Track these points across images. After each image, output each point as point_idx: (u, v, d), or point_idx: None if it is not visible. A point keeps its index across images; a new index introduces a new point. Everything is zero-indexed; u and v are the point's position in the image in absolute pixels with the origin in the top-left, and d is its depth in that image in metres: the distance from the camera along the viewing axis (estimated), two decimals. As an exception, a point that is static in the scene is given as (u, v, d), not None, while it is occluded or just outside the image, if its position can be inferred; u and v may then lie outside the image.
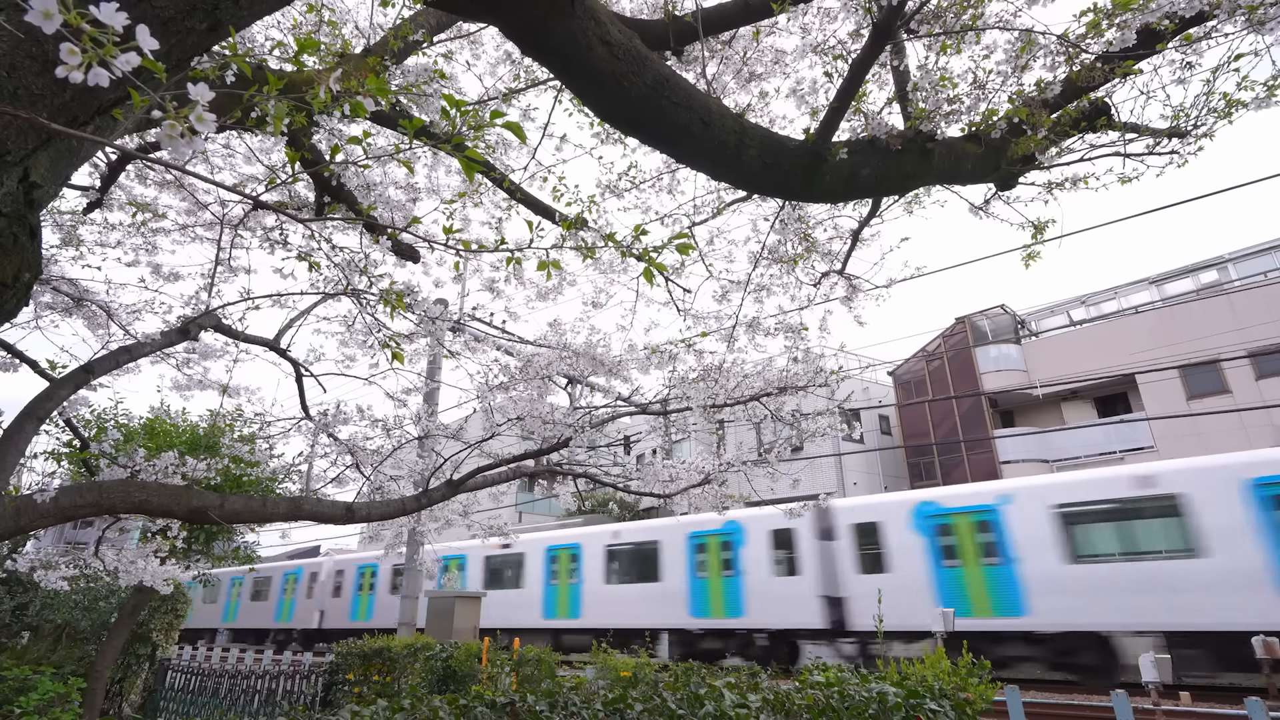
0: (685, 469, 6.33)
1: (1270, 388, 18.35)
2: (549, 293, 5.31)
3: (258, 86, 1.59)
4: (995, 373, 23.58)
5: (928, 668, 4.04)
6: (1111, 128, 3.52)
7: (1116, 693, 6.08)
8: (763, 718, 2.98)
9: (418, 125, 1.76)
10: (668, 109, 2.63)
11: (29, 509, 2.84)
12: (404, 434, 5.51)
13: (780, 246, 5.10)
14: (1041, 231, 4.20)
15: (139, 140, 3.70)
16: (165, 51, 1.50)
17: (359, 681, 8.05)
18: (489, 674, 7.45)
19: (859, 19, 4.07)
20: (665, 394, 5.62)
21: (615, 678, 6.15)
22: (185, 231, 4.99)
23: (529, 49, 2.62)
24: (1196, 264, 24.28)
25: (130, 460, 4.35)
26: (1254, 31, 2.94)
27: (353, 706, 3.14)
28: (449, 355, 5.08)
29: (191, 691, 9.74)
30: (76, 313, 4.72)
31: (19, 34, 1.36)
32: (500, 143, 4.65)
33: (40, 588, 9.52)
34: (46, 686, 7.40)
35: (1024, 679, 11.97)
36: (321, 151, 3.82)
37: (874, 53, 2.83)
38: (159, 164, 3.62)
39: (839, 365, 5.53)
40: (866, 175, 3.17)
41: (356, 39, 4.32)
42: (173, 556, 5.90)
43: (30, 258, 1.77)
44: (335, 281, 4.36)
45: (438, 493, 4.81)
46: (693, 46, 3.60)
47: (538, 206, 4.38)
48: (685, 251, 2.53)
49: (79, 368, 3.57)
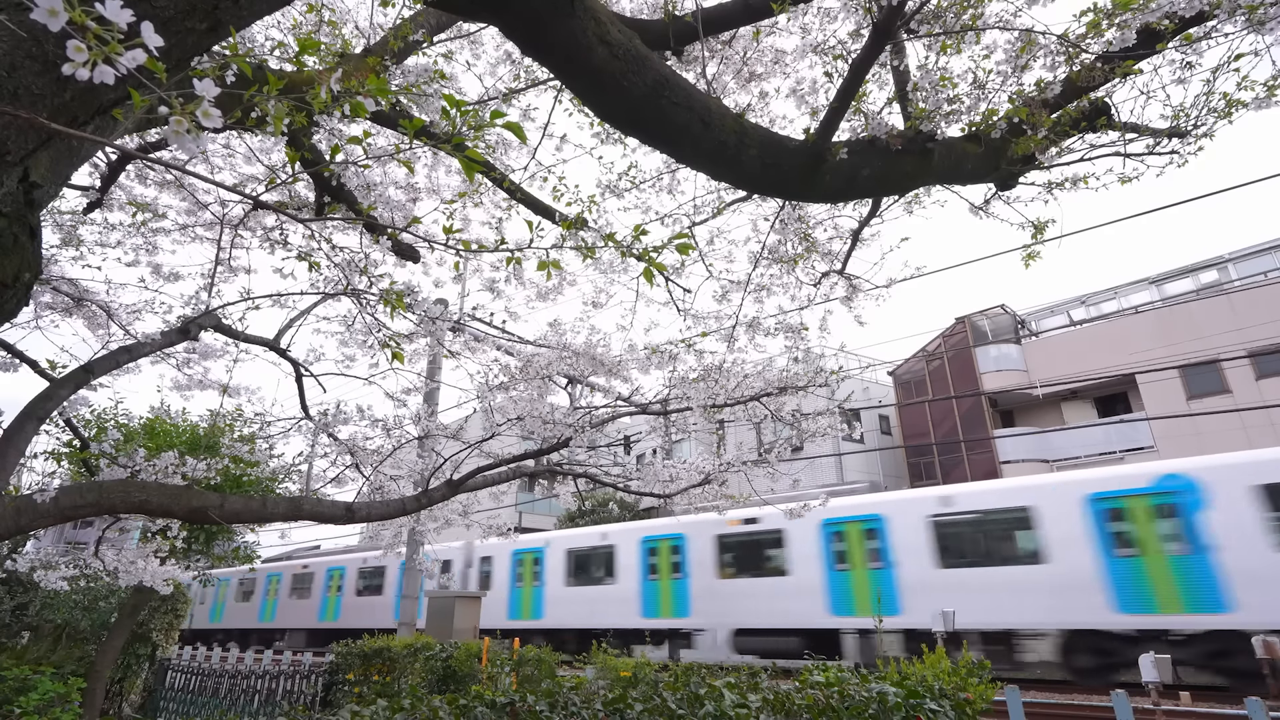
0: (685, 469, 6.34)
1: (1270, 388, 18.36)
2: (549, 293, 5.31)
3: (258, 86, 1.59)
4: (995, 373, 23.58)
5: (928, 668, 4.04)
6: (1111, 128, 3.52)
7: (1116, 693, 6.08)
8: (763, 718, 2.97)
9: (418, 125, 1.76)
10: (668, 109, 2.63)
11: (29, 509, 2.84)
12: (404, 434, 5.51)
13: (780, 246, 5.10)
14: (1041, 231, 4.20)
15: (139, 140, 3.70)
16: (165, 51, 1.50)
17: (359, 681, 8.06)
18: (489, 674, 7.46)
19: (859, 19, 4.07)
20: (665, 394, 5.62)
21: (615, 678, 6.15)
22: (185, 231, 4.99)
23: (529, 49, 2.62)
24: (1196, 264, 24.30)
25: (130, 460, 4.35)
26: (1254, 31, 2.94)
27: (353, 706, 3.14)
28: (449, 355, 5.08)
29: (191, 691, 9.75)
30: (76, 313, 4.72)
31: (20, 34, 1.36)
32: (500, 143, 4.65)
33: (40, 588, 9.54)
34: (46, 686, 7.40)
35: (1024, 679, 11.96)
36: (321, 151, 3.82)
37: (874, 53, 2.83)
38: (159, 164, 3.62)
39: (839, 365, 5.53)
40: (866, 175, 3.17)
41: (356, 39, 4.32)
42: (173, 556, 5.90)
43: (30, 258, 1.77)
44: (335, 281, 4.36)
45: (438, 493, 4.82)
46: (693, 46, 3.60)
47: (538, 206, 4.38)
48: (685, 251, 2.53)
49: (79, 368, 3.57)
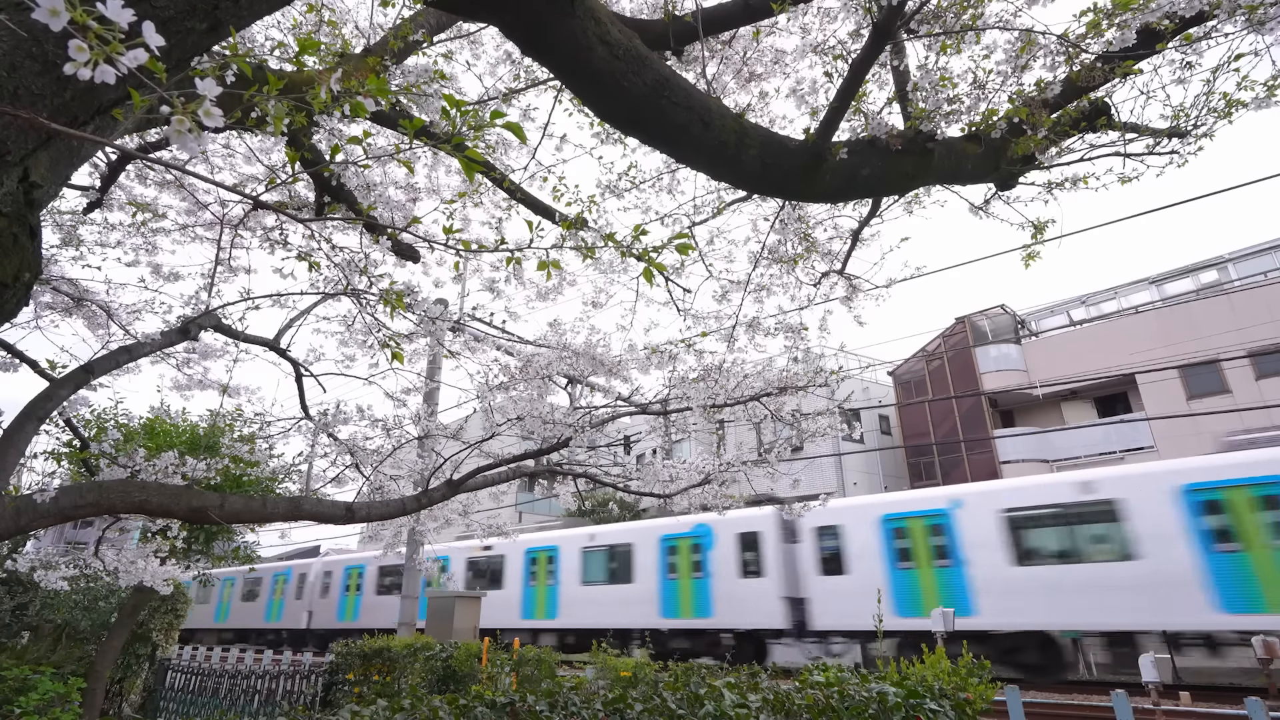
0: (685, 469, 6.34)
1: (1270, 388, 18.36)
2: (549, 293, 5.31)
3: (258, 86, 1.59)
4: (995, 373, 23.58)
5: (928, 668, 4.04)
6: (1111, 128, 3.52)
7: (1116, 693, 6.08)
8: (763, 718, 2.97)
9: (418, 125, 1.76)
10: (668, 109, 2.63)
11: (29, 509, 2.83)
12: (404, 434, 5.51)
13: (780, 246, 5.10)
14: (1041, 231, 4.20)
15: (139, 140, 3.70)
16: (166, 51, 1.50)
17: (359, 681, 8.06)
18: (489, 674, 7.46)
19: (859, 19, 4.07)
20: (665, 394, 5.61)
21: (615, 678, 6.15)
22: (185, 231, 4.99)
23: (529, 49, 2.62)
24: (1196, 264, 24.30)
25: (130, 460, 4.34)
26: (1254, 31, 2.94)
27: (353, 706, 3.14)
28: (449, 355, 5.08)
29: (191, 691, 9.75)
30: (76, 313, 4.71)
31: (21, 33, 1.36)
32: (500, 143, 4.65)
33: (40, 588, 9.54)
34: (46, 686, 7.39)
35: (1024, 679, 11.96)
36: (321, 151, 3.81)
37: (874, 53, 2.83)
38: (159, 164, 3.62)
39: (839, 365, 5.53)
40: (866, 175, 3.17)
41: (356, 39, 4.32)
42: (173, 556, 5.90)
43: (30, 258, 1.77)
44: (335, 281, 4.36)
45: (438, 493, 4.81)
46: (693, 46, 3.60)
47: (538, 206, 4.38)
48: (685, 251, 2.54)
49: (79, 368, 3.57)
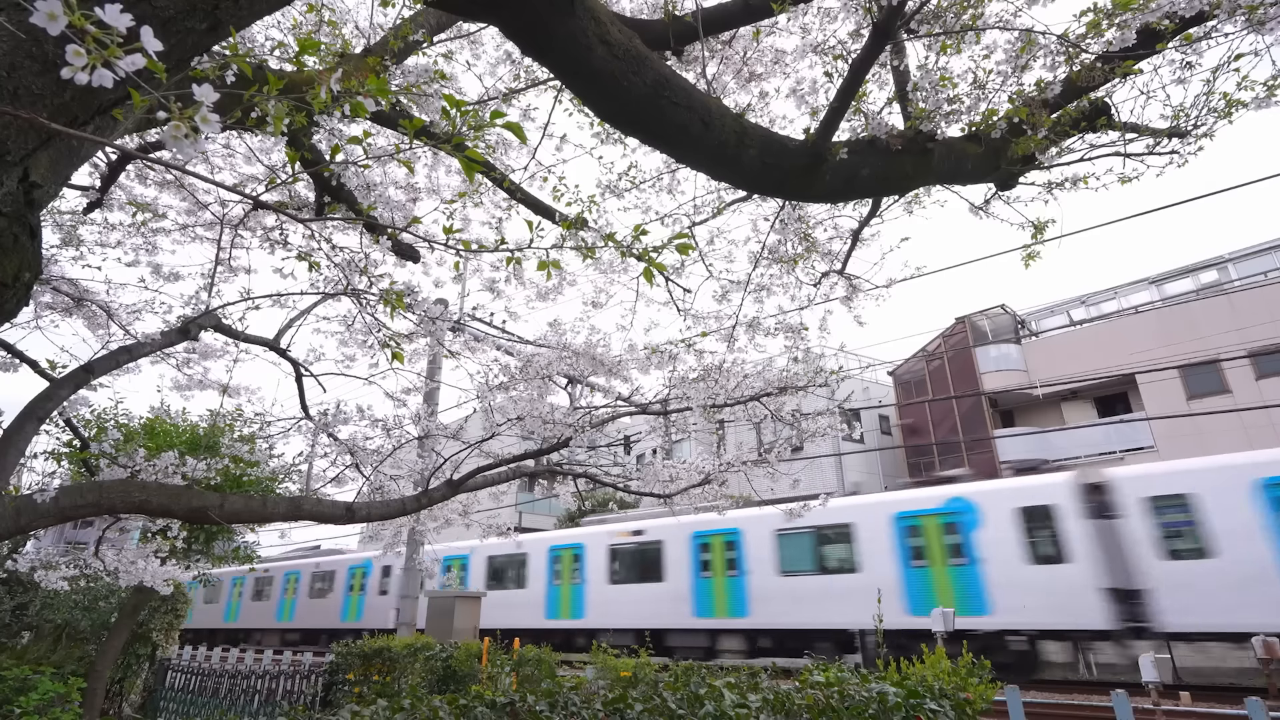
0: (685, 469, 6.33)
1: (1270, 388, 18.35)
2: (549, 293, 5.31)
3: (258, 86, 1.59)
4: (995, 373, 23.56)
5: (927, 667, 4.04)
6: (1111, 128, 3.52)
7: (1116, 693, 6.08)
8: (763, 718, 2.97)
9: (418, 125, 1.76)
10: (668, 109, 2.63)
11: (29, 509, 2.83)
12: (404, 434, 5.51)
13: (780, 246, 5.10)
14: (1041, 231, 4.20)
15: (139, 140, 3.69)
16: (165, 51, 1.50)
17: (359, 681, 8.05)
18: (489, 674, 7.46)
19: (859, 19, 4.07)
20: (665, 394, 5.62)
21: (615, 678, 6.15)
22: (185, 231, 4.99)
23: (529, 49, 2.61)
24: (1196, 264, 24.30)
25: (130, 460, 4.34)
26: (1254, 31, 2.94)
27: (353, 706, 3.14)
28: (449, 355, 5.08)
29: (191, 691, 9.75)
30: (76, 313, 4.71)
31: (20, 34, 1.36)
32: (500, 143, 4.64)
33: (40, 588, 9.51)
34: (46, 686, 7.39)
35: (1022, 679, 11.96)
36: (321, 151, 3.81)
37: (874, 53, 2.83)
38: (159, 164, 3.62)
39: (839, 365, 5.53)
40: (866, 175, 3.17)
41: (356, 39, 4.32)
42: (173, 556, 5.89)
43: (30, 258, 1.77)
44: (335, 281, 4.36)
45: (438, 493, 4.82)
46: (693, 46, 3.60)
47: (538, 206, 4.37)
48: (685, 251, 2.54)
49: (79, 368, 3.57)
